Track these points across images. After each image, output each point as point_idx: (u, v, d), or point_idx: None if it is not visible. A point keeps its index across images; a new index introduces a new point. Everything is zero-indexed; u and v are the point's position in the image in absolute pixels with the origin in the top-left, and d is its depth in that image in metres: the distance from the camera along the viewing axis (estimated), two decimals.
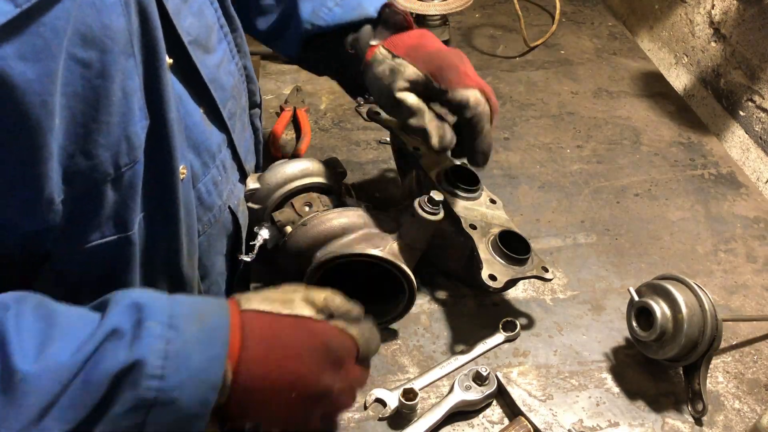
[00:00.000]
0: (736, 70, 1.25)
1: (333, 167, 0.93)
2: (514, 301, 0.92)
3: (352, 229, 0.83)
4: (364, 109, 1.26)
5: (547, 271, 0.84)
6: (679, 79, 1.44)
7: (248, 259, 0.85)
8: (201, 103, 0.72)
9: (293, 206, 0.87)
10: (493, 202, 0.91)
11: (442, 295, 0.93)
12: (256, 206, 0.89)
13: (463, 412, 0.79)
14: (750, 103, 1.21)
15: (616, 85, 1.37)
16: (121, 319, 0.51)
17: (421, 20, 1.37)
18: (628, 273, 0.97)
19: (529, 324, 0.89)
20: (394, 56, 0.83)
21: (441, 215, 0.80)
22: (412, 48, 0.83)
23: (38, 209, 0.54)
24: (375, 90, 0.85)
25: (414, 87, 0.82)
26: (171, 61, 0.63)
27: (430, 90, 0.81)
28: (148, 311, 0.52)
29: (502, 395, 0.81)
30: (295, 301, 0.61)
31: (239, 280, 0.92)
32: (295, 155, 1.16)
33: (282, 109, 1.25)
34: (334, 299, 0.63)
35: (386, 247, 0.81)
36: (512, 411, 0.79)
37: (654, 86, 1.37)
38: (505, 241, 0.83)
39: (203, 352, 0.53)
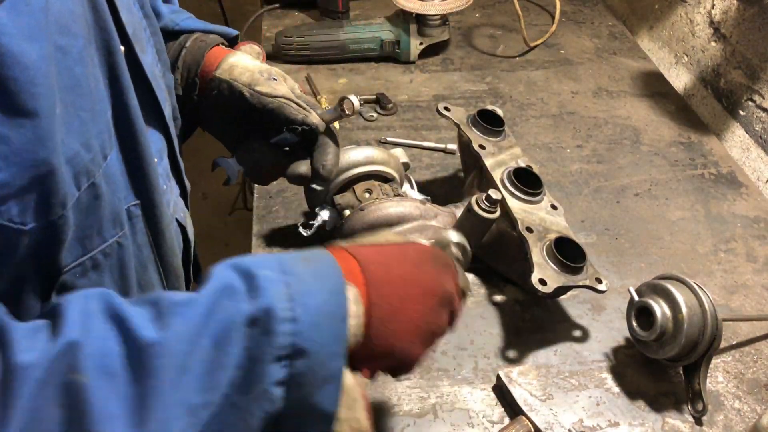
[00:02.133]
0: (736, 69, 1.25)
1: (397, 158, 0.96)
2: (515, 302, 0.92)
3: (408, 219, 0.85)
4: (364, 109, 1.26)
5: (600, 282, 0.82)
6: (679, 79, 1.44)
7: (306, 234, 0.88)
8: (141, 103, 0.66)
9: (354, 192, 0.90)
10: (554, 207, 0.91)
11: None
12: (319, 188, 0.91)
13: (463, 413, 0.79)
14: (750, 103, 1.21)
15: (616, 84, 1.37)
16: (228, 276, 0.50)
17: (422, 20, 1.37)
18: (628, 273, 0.97)
19: (530, 324, 0.89)
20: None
21: (497, 214, 0.81)
22: None
23: (52, 211, 0.50)
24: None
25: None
26: (124, 49, 0.60)
27: None
28: (254, 266, 0.51)
29: (503, 395, 0.81)
30: (387, 236, 0.65)
31: None
32: None
33: None
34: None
35: None
36: (513, 410, 0.79)
37: (654, 86, 1.37)
38: (560, 248, 0.83)
39: (323, 286, 0.52)
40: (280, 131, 0.84)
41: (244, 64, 0.83)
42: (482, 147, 0.95)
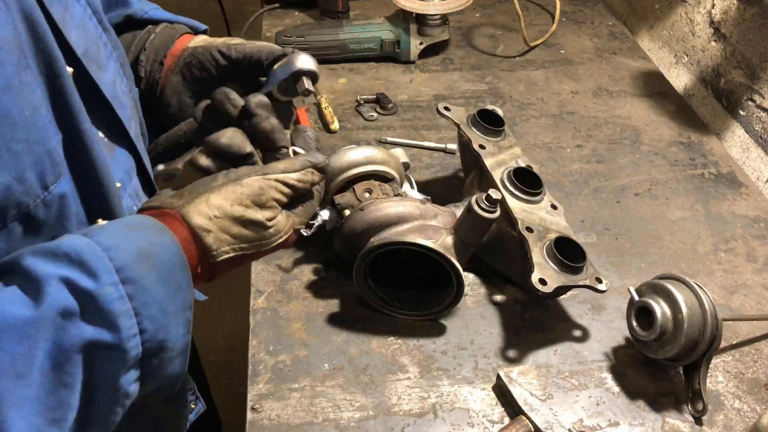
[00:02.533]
0: (736, 69, 1.25)
1: (397, 158, 0.96)
2: (515, 301, 0.92)
3: (408, 219, 0.85)
4: (364, 109, 1.27)
5: (600, 282, 0.82)
6: (679, 79, 1.44)
7: (306, 234, 0.87)
8: (101, 124, 0.64)
9: (354, 191, 0.90)
10: (554, 207, 0.91)
11: None
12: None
13: (463, 413, 0.79)
14: (750, 103, 1.21)
15: (616, 84, 1.37)
16: (63, 297, 0.47)
17: (422, 20, 1.37)
18: (628, 272, 0.97)
19: (530, 324, 0.90)
20: None
21: (497, 214, 0.81)
22: None
23: None
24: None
25: None
26: (72, 70, 0.57)
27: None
28: (93, 286, 0.48)
29: (503, 394, 0.81)
30: (264, 233, 0.64)
31: None
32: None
33: None
34: (273, 190, 0.65)
35: (439, 240, 0.83)
36: (513, 410, 0.79)
37: (654, 86, 1.37)
38: (560, 248, 0.83)
39: (167, 288, 0.53)
40: (262, 75, 0.81)
41: (216, 38, 0.83)
42: (482, 147, 0.95)
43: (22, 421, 0.44)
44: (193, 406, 0.89)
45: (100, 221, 0.60)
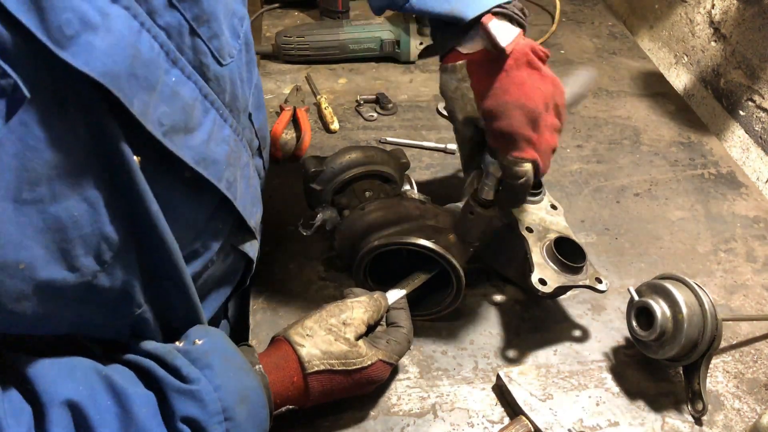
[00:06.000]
0: (736, 69, 1.25)
1: (397, 158, 0.96)
2: (515, 301, 0.92)
3: (408, 219, 0.85)
4: (364, 109, 1.26)
5: (600, 282, 0.82)
6: (679, 79, 1.44)
7: (306, 234, 0.89)
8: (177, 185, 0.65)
9: (354, 191, 0.90)
10: (554, 207, 0.91)
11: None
12: (318, 188, 0.91)
13: (463, 413, 0.79)
14: (750, 103, 1.22)
15: (616, 84, 1.37)
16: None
17: (421, 20, 1.37)
18: (628, 273, 0.97)
19: (530, 324, 0.90)
20: (465, 78, 0.78)
21: (495, 212, 0.81)
22: (488, 86, 0.75)
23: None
24: (444, 97, 0.85)
25: (470, 122, 0.82)
26: (138, 159, 0.57)
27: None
28: (206, 421, 0.62)
29: (503, 394, 0.81)
30: (348, 351, 0.72)
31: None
32: (295, 155, 1.16)
33: (282, 108, 1.25)
34: (374, 316, 0.77)
35: (439, 240, 0.82)
36: (513, 410, 0.79)
37: (654, 86, 1.37)
38: (560, 248, 0.83)
39: (253, 426, 0.67)
40: None
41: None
42: None
43: None
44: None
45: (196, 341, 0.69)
